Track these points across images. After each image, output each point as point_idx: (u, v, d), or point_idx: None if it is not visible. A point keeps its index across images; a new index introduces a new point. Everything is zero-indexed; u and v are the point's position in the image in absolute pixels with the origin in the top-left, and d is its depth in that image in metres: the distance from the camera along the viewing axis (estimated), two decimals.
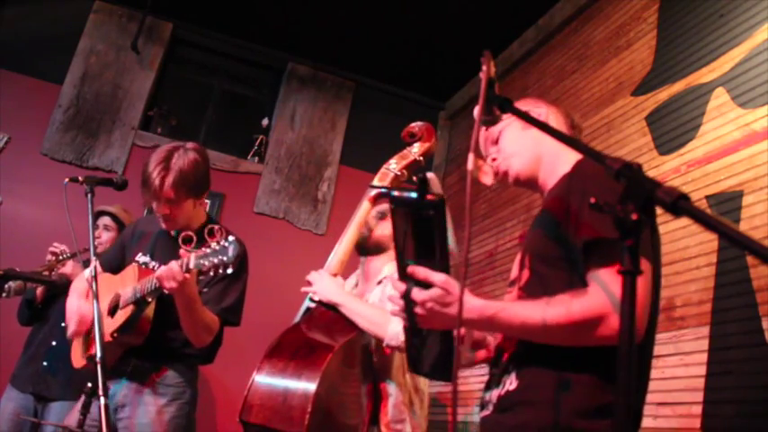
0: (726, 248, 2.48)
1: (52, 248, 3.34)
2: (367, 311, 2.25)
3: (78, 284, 2.58)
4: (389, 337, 2.22)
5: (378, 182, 2.37)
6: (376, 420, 2.33)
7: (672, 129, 2.98)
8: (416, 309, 1.36)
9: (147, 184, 2.33)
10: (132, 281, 2.33)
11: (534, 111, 1.65)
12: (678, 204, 0.87)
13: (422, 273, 1.34)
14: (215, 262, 1.93)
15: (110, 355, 2.29)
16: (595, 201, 0.97)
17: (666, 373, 2.51)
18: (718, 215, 2.54)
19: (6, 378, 3.32)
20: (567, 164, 1.50)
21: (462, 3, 4.43)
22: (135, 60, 5.01)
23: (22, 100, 4.66)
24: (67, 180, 2.28)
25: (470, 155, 1.17)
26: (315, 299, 2.26)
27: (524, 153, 1.62)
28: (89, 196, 2.23)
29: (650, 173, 2.88)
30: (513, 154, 1.64)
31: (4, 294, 3.07)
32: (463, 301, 1.32)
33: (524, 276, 1.47)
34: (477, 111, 1.26)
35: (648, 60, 3.29)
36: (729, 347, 2.37)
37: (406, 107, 5.40)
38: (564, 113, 1.72)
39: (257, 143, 5.24)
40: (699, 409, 2.39)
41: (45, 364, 3.26)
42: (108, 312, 2.35)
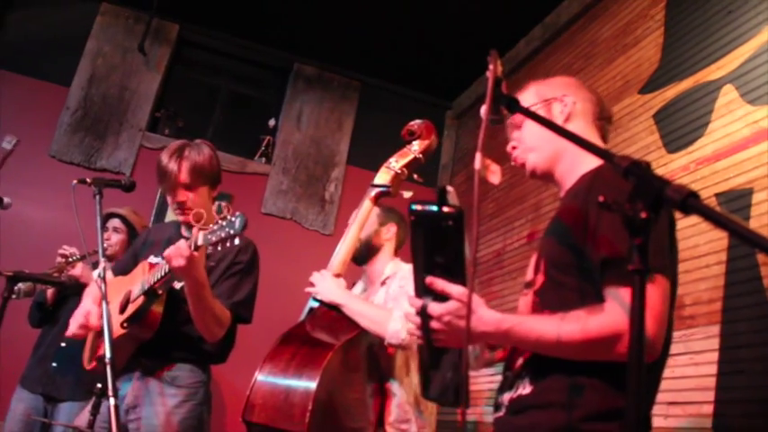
0: (736, 246, 2.47)
1: (62, 250, 3.35)
2: (368, 310, 2.26)
3: (92, 289, 2.58)
4: (390, 336, 2.23)
5: (378, 180, 2.38)
6: (382, 421, 2.34)
7: (680, 126, 2.96)
8: (433, 323, 1.35)
9: (164, 172, 2.38)
10: (141, 277, 2.34)
11: (562, 98, 1.61)
12: (687, 202, 0.86)
13: (439, 285, 1.33)
14: (222, 235, 1.92)
15: (121, 351, 2.28)
16: (604, 200, 0.97)
17: (677, 372, 2.50)
18: (728, 213, 2.53)
19: (16, 379, 3.33)
20: (587, 163, 1.49)
21: (468, 2, 4.42)
22: (142, 62, 5.03)
23: (30, 102, 4.69)
24: (76, 182, 2.28)
25: (478, 154, 1.17)
26: (318, 299, 2.27)
27: (544, 148, 1.59)
28: (97, 198, 2.24)
29: (659, 171, 2.86)
30: (533, 148, 1.61)
31: (14, 296, 3.08)
32: (480, 314, 1.33)
33: (539, 281, 1.46)
34: (484, 110, 1.25)
35: (656, 58, 3.28)
36: (740, 346, 2.36)
37: (412, 107, 5.38)
38: (594, 101, 1.66)
39: (264, 144, 5.25)
40: (710, 409, 2.38)
41: (54, 365, 3.27)
42: (120, 310, 2.35)
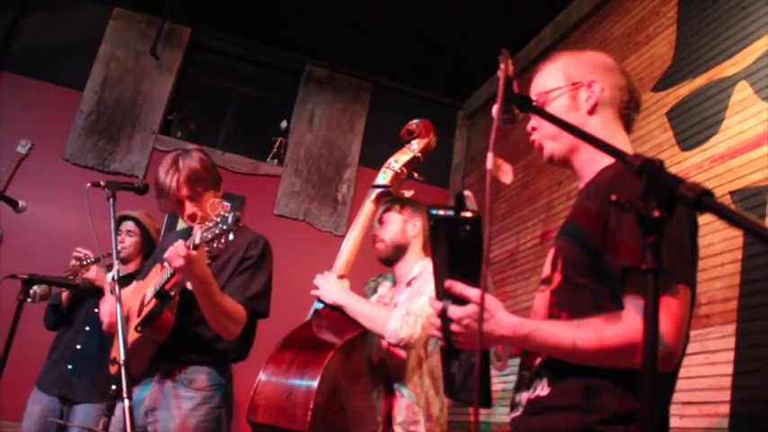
0: (751, 245, 2.44)
1: (76, 253, 3.37)
2: (368, 310, 2.27)
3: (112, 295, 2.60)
4: (389, 335, 2.23)
5: (379, 181, 2.39)
6: (390, 422, 2.34)
7: (694, 124, 2.94)
8: (452, 326, 1.36)
9: (164, 190, 2.40)
10: (154, 280, 2.36)
11: (590, 84, 1.55)
12: (701, 200, 0.85)
13: (458, 288, 1.34)
14: (216, 232, 1.94)
15: (140, 355, 2.31)
16: (617, 198, 0.96)
17: (692, 371, 2.48)
18: (743, 211, 2.51)
19: (33, 381, 3.36)
20: (607, 156, 1.46)
21: (479, 2, 4.41)
22: (154, 65, 5.06)
23: (44, 107, 4.73)
24: (89, 185, 2.30)
25: (490, 154, 1.16)
26: (321, 300, 2.28)
27: (564, 138, 1.54)
28: (111, 200, 2.25)
29: (672, 169, 2.84)
30: (552, 137, 1.57)
31: (29, 300, 3.11)
32: (498, 318, 1.33)
33: (556, 280, 1.45)
34: (495, 110, 1.25)
35: (668, 55, 3.26)
36: (756, 345, 2.33)
37: (424, 107, 5.37)
38: (624, 87, 1.58)
39: (276, 145, 5.26)
40: (726, 409, 2.35)
41: (70, 367, 3.30)
42: (137, 313, 2.37)
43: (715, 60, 2.91)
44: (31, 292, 3.12)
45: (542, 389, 1.40)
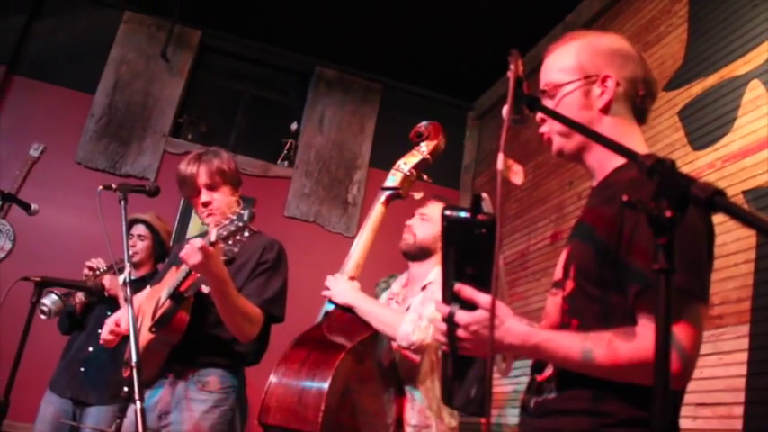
0: (764, 245, 2.43)
1: (89, 263, 3.40)
2: (380, 312, 2.27)
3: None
4: (400, 338, 2.22)
5: (389, 183, 2.39)
6: (401, 425, 2.33)
7: (706, 123, 2.92)
8: (459, 332, 1.31)
9: (184, 178, 2.44)
10: (170, 282, 2.36)
11: (604, 79, 1.47)
12: (714, 200, 0.84)
13: (468, 292, 1.29)
14: (232, 229, 1.94)
15: (154, 357, 2.31)
16: (628, 198, 0.95)
17: (705, 372, 2.46)
18: (756, 210, 2.49)
19: (46, 383, 3.38)
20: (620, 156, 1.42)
21: (489, 2, 4.41)
22: (165, 68, 5.09)
23: (55, 110, 4.77)
24: (101, 188, 2.31)
25: (500, 154, 1.16)
26: (332, 301, 2.28)
27: (574, 136, 1.49)
28: (122, 203, 2.26)
29: (684, 169, 2.82)
30: (562, 133, 1.51)
31: (44, 316, 3.14)
32: (508, 326, 1.29)
33: (569, 287, 1.41)
34: (505, 110, 1.24)
35: (680, 54, 3.24)
36: None
37: (434, 108, 5.38)
38: (640, 78, 1.50)
39: (286, 147, 5.28)
40: (740, 410, 2.34)
41: (82, 369, 3.32)
42: (152, 317, 2.37)
43: (727, 59, 2.89)
44: (45, 308, 3.15)
45: (551, 392, 1.39)
